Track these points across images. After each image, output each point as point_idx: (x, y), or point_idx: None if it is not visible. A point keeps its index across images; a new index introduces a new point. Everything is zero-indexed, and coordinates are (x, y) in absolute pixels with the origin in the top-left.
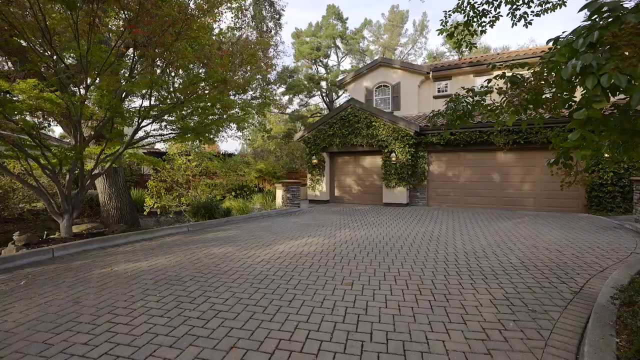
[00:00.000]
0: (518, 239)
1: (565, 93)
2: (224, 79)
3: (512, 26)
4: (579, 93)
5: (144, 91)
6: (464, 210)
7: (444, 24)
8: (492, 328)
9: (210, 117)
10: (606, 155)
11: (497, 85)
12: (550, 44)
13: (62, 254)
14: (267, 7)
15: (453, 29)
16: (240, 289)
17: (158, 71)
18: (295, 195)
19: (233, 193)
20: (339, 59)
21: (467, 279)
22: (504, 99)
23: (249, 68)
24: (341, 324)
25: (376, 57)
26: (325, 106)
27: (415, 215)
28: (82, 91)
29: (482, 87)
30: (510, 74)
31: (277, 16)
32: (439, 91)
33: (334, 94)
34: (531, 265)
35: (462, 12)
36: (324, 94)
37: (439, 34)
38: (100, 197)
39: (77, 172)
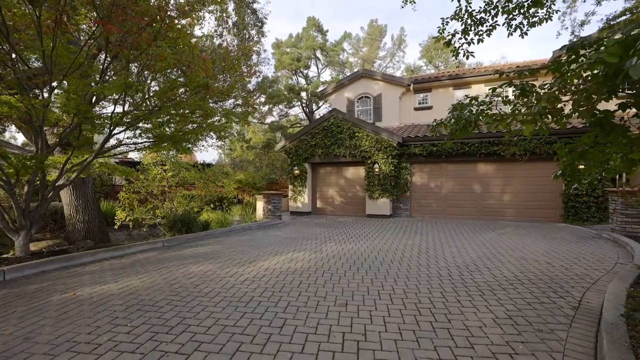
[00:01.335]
0: (506, 251)
1: (601, 97)
2: (206, 84)
3: (508, 36)
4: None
5: (116, 96)
6: (447, 221)
7: (441, 31)
8: (502, 352)
9: (190, 125)
10: (581, 166)
11: (504, 94)
12: (550, 54)
13: (15, 277)
14: (249, 13)
15: (451, 36)
16: (223, 314)
17: (133, 74)
18: (277, 207)
19: (212, 205)
20: (319, 70)
21: (465, 296)
22: (519, 108)
23: (228, 77)
24: (340, 354)
25: (356, 69)
26: (305, 117)
27: (399, 227)
28: (47, 94)
29: (487, 95)
30: (517, 82)
31: (260, 24)
32: (419, 103)
33: (314, 104)
34: (525, 279)
35: (460, 19)
36: (304, 105)
37: (435, 41)
38: (65, 210)
39: (38, 182)
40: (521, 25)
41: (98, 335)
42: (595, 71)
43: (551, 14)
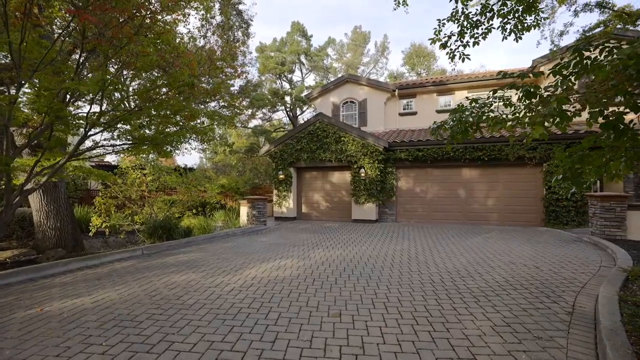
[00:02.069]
0: (494, 256)
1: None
2: (191, 83)
3: (503, 40)
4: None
5: (92, 95)
6: (433, 226)
7: (437, 32)
8: None
9: (173, 127)
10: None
11: (505, 96)
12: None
13: None
14: (235, 14)
15: (447, 38)
16: (210, 329)
17: (112, 73)
18: (262, 212)
19: (194, 210)
20: (303, 75)
21: (460, 303)
22: (520, 110)
23: (212, 79)
24: None
25: (340, 75)
26: (288, 121)
27: (386, 232)
28: (15, 91)
29: (489, 97)
30: (524, 86)
31: (246, 25)
32: (404, 108)
33: (298, 109)
34: (517, 284)
35: (456, 21)
36: (288, 109)
37: (431, 43)
38: (34, 216)
39: (3, 187)
40: (515, 30)
41: (68, 357)
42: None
43: (539, 21)
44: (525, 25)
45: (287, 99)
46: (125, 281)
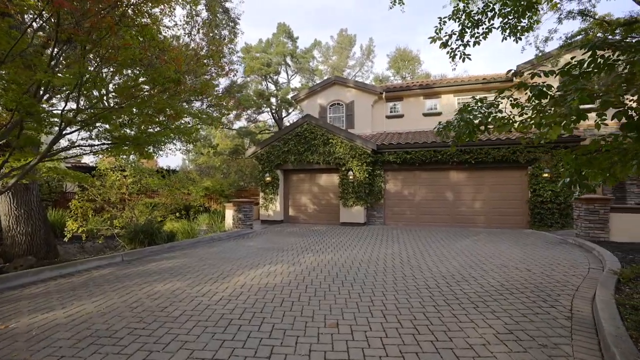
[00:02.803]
0: (485, 258)
1: None
2: (177, 80)
3: (502, 40)
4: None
5: (67, 91)
6: (421, 228)
7: (438, 31)
8: None
9: (157, 127)
10: (544, 175)
11: (514, 96)
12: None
13: None
14: (221, 12)
15: (448, 37)
16: (198, 344)
17: (90, 69)
18: (248, 215)
19: (177, 214)
20: (289, 77)
21: (459, 309)
22: (528, 111)
23: (197, 77)
24: None
25: (326, 77)
26: (274, 123)
27: (375, 236)
28: None
29: (496, 97)
30: (532, 84)
31: (233, 24)
32: (391, 111)
33: (283, 110)
34: (512, 287)
35: (458, 19)
36: (273, 111)
37: (431, 42)
38: (2, 221)
39: None
40: (515, 31)
41: None
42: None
43: (532, 24)
44: (523, 27)
45: (273, 100)
46: (103, 291)
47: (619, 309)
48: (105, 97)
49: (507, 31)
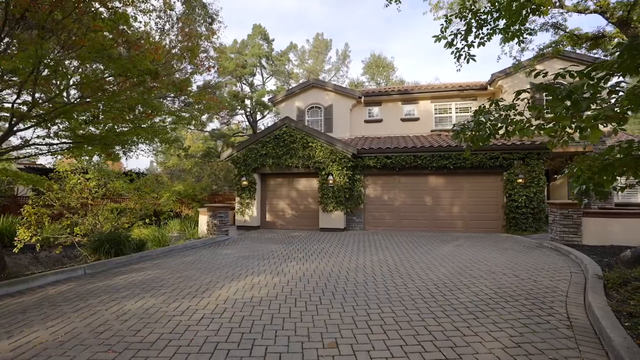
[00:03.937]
0: (472, 264)
1: None
2: (155, 72)
3: (506, 42)
4: None
5: (20, 80)
6: (401, 234)
7: (443, 29)
8: None
9: (128, 125)
10: (519, 180)
11: (527, 98)
12: None
13: None
14: (199, 7)
15: (453, 36)
16: None
17: (50, 54)
18: (224, 221)
19: (147, 219)
20: (264, 79)
21: (460, 321)
22: (545, 114)
23: (172, 76)
24: None
25: (301, 81)
26: (248, 125)
27: (357, 242)
28: None
29: (514, 99)
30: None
31: (210, 20)
32: (369, 116)
33: (258, 113)
34: (505, 295)
35: (464, 18)
36: (248, 113)
37: (435, 41)
38: None
39: None
40: (518, 34)
41: None
42: None
43: (528, 30)
44: (525, 29)
45: (248, 102)
46: (61, 313)
47: (617, 316)
48: (67, 90)
49: (509, 34)
